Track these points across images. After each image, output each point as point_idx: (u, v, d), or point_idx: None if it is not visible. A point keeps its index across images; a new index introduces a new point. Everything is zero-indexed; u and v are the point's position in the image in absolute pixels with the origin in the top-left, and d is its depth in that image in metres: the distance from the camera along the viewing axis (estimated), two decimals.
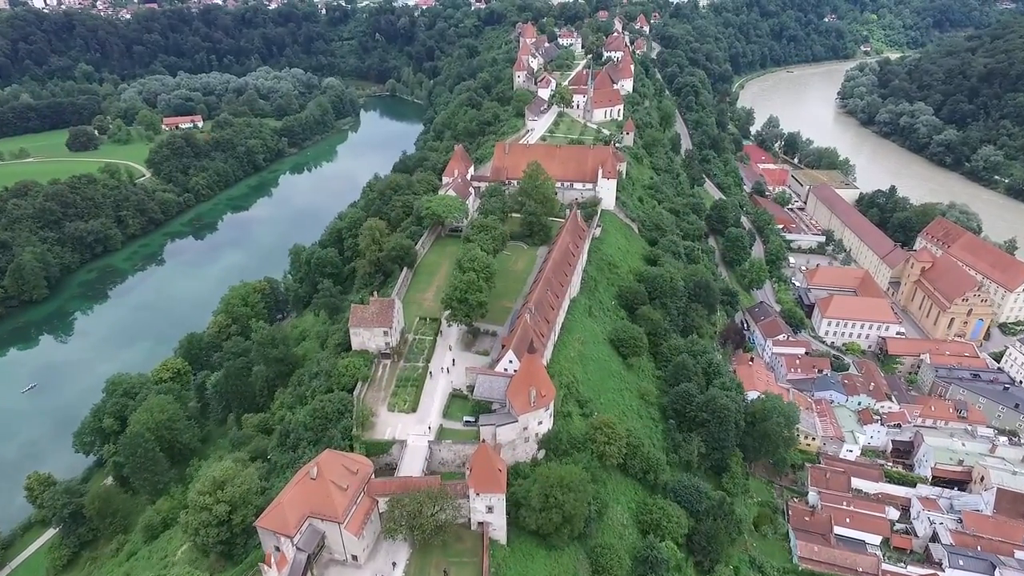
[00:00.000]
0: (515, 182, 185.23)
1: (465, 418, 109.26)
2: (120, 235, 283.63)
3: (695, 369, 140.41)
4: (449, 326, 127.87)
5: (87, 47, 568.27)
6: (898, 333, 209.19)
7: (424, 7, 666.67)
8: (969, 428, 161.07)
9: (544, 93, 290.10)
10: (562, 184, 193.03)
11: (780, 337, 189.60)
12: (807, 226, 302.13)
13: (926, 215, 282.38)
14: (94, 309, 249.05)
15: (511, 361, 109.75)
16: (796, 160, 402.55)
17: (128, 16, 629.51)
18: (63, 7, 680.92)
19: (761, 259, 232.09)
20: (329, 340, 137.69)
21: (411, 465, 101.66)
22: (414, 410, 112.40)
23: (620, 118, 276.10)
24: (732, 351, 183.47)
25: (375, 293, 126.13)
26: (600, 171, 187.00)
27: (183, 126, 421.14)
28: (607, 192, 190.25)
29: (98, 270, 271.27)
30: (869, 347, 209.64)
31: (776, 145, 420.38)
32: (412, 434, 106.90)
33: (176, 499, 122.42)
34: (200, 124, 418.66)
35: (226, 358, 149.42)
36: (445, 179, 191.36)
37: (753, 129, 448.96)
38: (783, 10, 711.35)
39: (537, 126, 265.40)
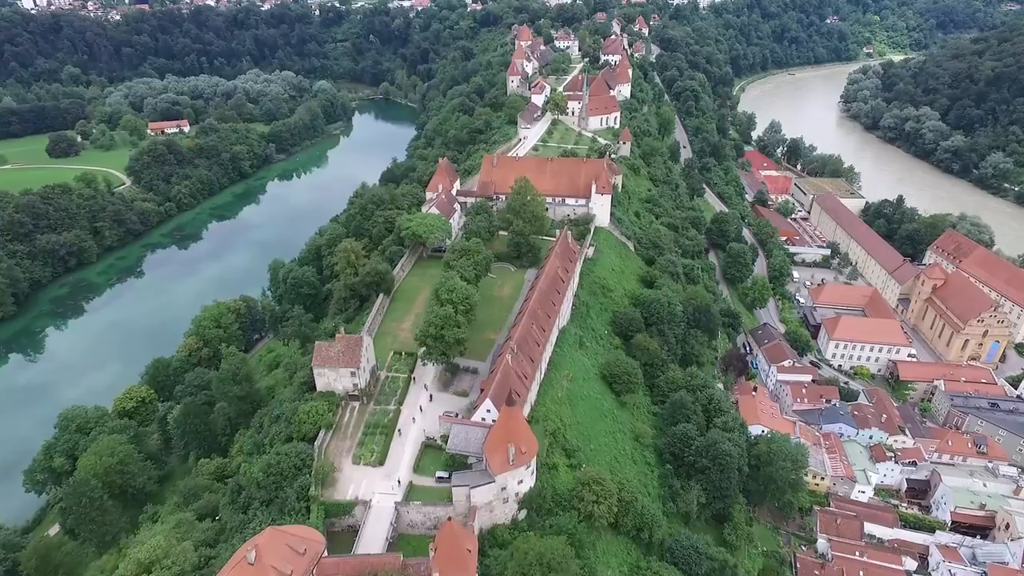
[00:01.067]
0: (503, 197, 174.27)
1: (438, 473, 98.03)
2: (96, 247, 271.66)
3: (694, 407, 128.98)
4: (424, 364, 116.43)
5: (74, 49, 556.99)
6: (910, 355, 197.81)
7: (419, 8, 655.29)
8: (990, 465, 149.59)
9: (538, 99, 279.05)
10: (553, 200, 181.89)
11: (785, 363, 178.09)
12: (811, 237, 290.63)
13: (935, 227, 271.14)
14: (64, 327, 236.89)
15: (488, 410, 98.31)
16: (799, 167, 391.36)
17: (118, 17, 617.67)
18: (52, 7, 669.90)
19: (764, 277, 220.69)
20: (296, 376, 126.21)
21: (375, 529, 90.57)
22: (381, 463, 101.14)
23: (616, 126, 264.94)
24: (734, 379, 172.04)
25: (342, 329, 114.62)
26: (594, 186, 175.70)
27: (169, 131, 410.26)
28: (601, 208, 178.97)
29: (70, 285, 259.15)
30: (879, 371, 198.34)
31: (778, 151, 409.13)
32: (378, 492, 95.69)
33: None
34: (187, 129, 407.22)
35: (187, 391, 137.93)
36: (429, 194, 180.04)
37: (755, 134, 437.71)
38: (784, 11, 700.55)
39: (530, 134, 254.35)
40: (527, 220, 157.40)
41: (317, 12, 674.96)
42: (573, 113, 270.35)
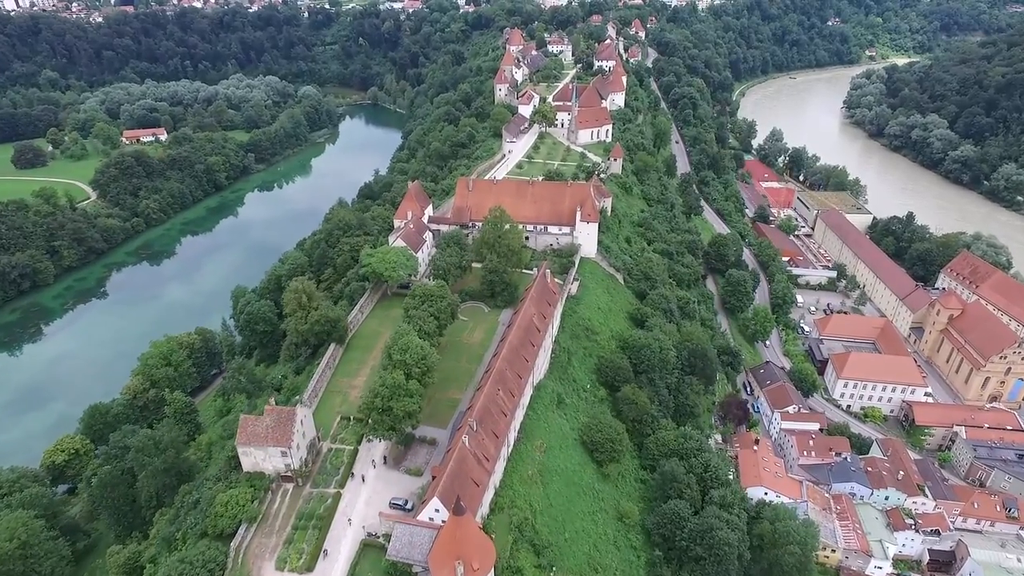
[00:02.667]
0: (480, 225, 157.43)
1: None
2: (53, 268, 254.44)
3: (687, 479, 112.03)
4: (369, 441, 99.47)
5: (53, 52, 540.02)
6: (926, 395, 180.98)
7: (410, 10, 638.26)
8: (1023, 532, 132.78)
9: (525, 110, 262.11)
10: (535, 227, 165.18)
11: (790, 409, 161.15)
12: (816, 256, 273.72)
13: (948, 247, 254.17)
14: (9, 358, 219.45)
15: (437, 510, 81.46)
16: (801, 178, 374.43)
17: (100, 19, 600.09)
18: (35, 8, 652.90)
19: (766, 307, 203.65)
20: (228, 446, 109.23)
21: None
22: (310, 568, 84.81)
23: (608, 139, 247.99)
24: (734, 428, 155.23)
25: (272, 399, 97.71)
26: (578, 213, 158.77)
27: (145, 139, 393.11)
28: (587, 237, 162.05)
29: (22, 310, 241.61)
30: (891, 412, 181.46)
31: (780, 160, 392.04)
32: None
33: None
34: (163, 137, 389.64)
35: (110, 456, 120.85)
36: (397, 222, 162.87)
37: (755, 143, 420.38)
38: (785, 13, 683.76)
39: (516, 149, 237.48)
40: (502, 255, 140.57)
41: (306, 14, 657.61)
42: (562, 125, 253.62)
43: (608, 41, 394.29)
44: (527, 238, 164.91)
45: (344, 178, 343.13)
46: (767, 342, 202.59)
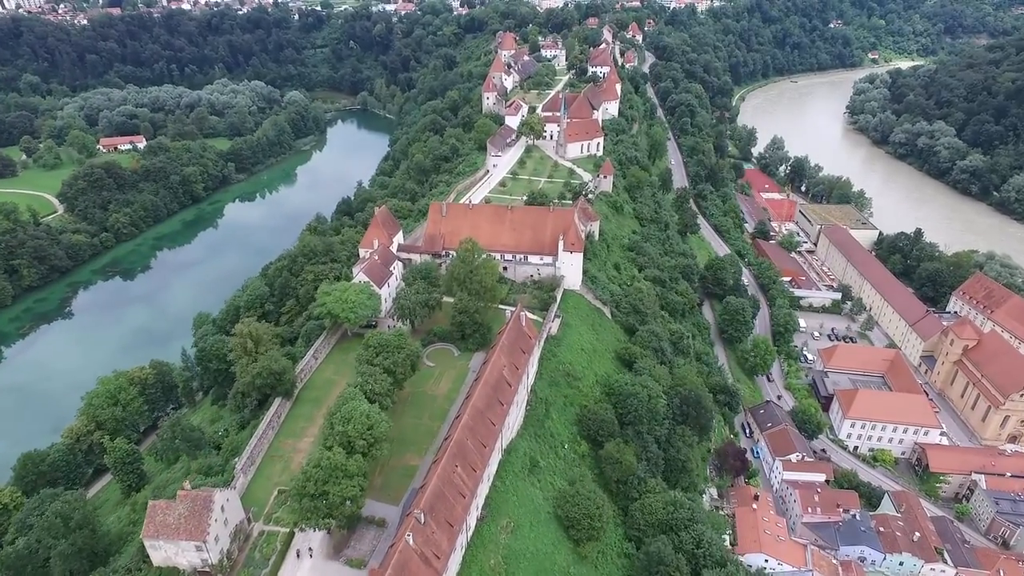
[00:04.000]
0: (454, 254, 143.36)
1: None
2: (11, 289, 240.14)
3: (676, 562, 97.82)
4: (302, 530, 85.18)
5: (35, 55, 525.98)
6: (941, 435, 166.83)
7: (403, 13, 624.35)
8: None
9: (513, 121, 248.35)
10: (514, 257, 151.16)
11: (792, 458, 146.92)
12: (819, 274, 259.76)
13: (959, 266, 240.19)
14: None
15: None
16: (803, 188, 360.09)
17: (85, 21, 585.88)
18: (20, 10, 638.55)
19: (766, 339, 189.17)
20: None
21: None
22: None
23: (599, 153, 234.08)
24: (731, 480, 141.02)
25: (187, 484, 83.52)
26: (561, 243, 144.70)
27: (123, 147, 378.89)
28: (571, 268, 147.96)
29: None
30: (903, 454, 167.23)
31: (781, 169, 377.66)
32: None
33: None
34: (141, 146, 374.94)
35: (24, 527, 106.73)
36: (362, 251, 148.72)
37: (755, 151, 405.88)
38: (786, 15, 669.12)
39: (501, 163, 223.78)
40: (474, 292, 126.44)
41: (296, 16, 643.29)
42: (551, 137, 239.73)
43: (603, 46, 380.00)
44: (505, 269, 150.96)
45: (329, 189, 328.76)
46: (768, 374, 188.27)
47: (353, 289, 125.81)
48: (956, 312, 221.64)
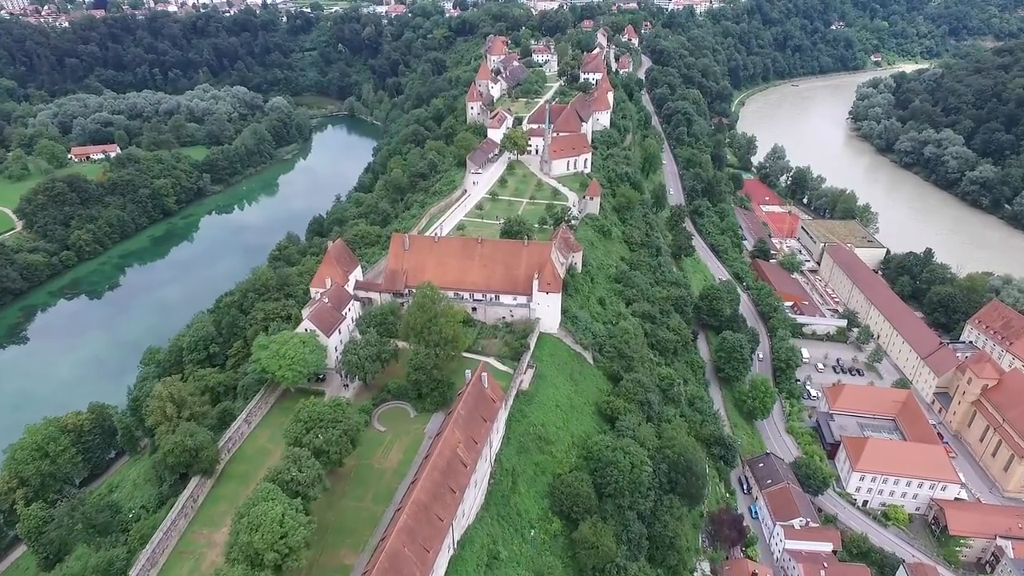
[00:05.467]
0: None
1: None
2: None
3: None
4: None
5: (12, 59, 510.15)
6: (962, 487, 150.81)
7: (393, 15, 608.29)
8: None
9: (496, 134, 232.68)
10: (484, 297, 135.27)
11: (795, 523, 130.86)
12: (823, 297, 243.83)
13: (974, 291, 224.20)
14: None
15: None
16: (805, 201, 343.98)
17: (66, 24, 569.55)
18: (2, 11, 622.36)
19: (765, 378, 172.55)
20: None
21: None
22: None
23: (587, 170, 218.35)
24: (726, 553, 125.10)
25: None
26: (535, 283, 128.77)
27: (96, 157, 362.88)
28: (547, 309, 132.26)
29: None
30: (917, 510, 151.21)
31: (782, 180, 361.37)
32: None
33: None
34: (114, 155, 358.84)
35: None
36: (313, 291, 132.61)
37: (755, 159, 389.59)
38: (787, 17, 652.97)
39: (481, 181, 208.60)
40: (433, 344, 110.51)
41: (284, 19, 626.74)
42: (537, 151, 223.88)
43: (596, 51, 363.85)
44: (474, 310, 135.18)
45: (311, 199, 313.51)
46: (768, 416, 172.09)
47: (293, 341, 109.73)
48: (971, 342, 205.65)
